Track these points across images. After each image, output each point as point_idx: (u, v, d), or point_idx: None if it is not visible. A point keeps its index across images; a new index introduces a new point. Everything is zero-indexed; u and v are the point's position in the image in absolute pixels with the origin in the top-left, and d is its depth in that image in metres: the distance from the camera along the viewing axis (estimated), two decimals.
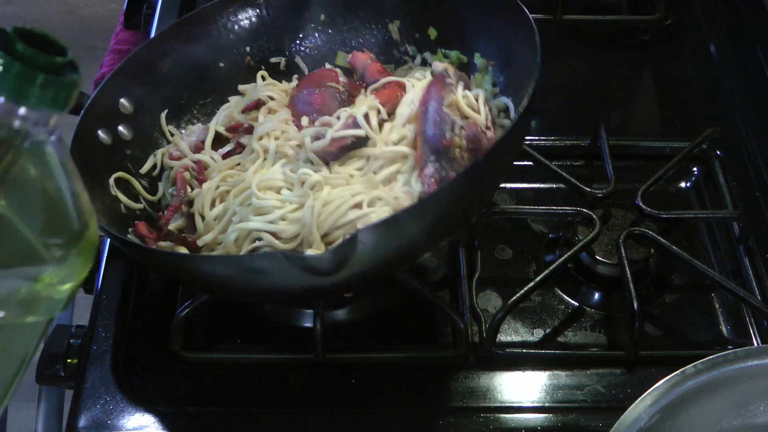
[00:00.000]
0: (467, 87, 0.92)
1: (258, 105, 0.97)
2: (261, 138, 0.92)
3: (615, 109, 1.17)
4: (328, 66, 1.03)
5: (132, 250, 0.83)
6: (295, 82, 1.03)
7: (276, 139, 0.91)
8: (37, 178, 0.50)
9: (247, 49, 1.03)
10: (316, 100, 0.95)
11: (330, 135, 0.88)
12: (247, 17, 1.02)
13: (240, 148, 0.94)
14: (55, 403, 1.00)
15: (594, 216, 0.92)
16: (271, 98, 0.98)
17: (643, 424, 0.68)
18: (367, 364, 0.88)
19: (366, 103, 0.91)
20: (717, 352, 0.72)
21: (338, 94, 0.95)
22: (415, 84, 0.96)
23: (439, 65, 0.97)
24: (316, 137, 0.88)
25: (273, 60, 1.04)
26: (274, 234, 0.84)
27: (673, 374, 0.70)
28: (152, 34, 1.15)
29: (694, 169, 1.07)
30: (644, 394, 0.69)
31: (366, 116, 0.90)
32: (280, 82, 1.03)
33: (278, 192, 0.87)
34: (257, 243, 0.84)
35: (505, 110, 0.94)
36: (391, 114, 0.92)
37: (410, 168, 0.88)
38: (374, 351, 0.88)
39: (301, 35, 1.04)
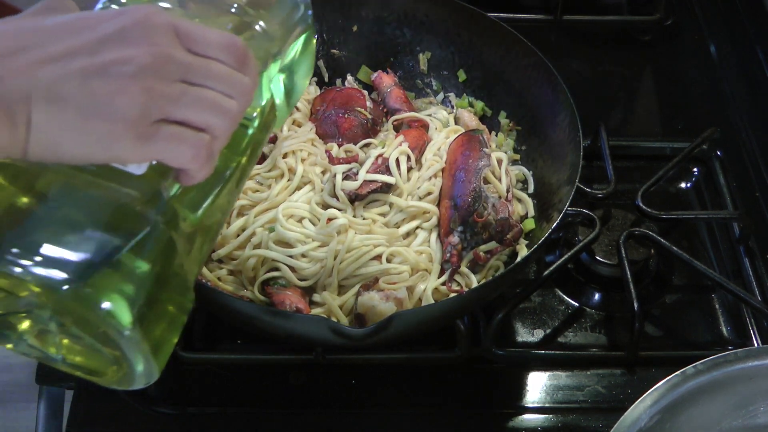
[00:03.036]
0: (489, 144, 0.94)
1: None
2: (285, 155, 0.92)
3: (615, 109, 1.17)
4: (350, 78, 1.04)
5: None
6: (314, 87, 1.03)
7: (302, 160, 0.91)
8: None
9: None
10: (343, 124, 0.95)
11: (362, 177, 0.88)
12: None
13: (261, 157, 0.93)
14: (55, 403, 1.00)
15: (594, 216, 0.92)
16: (296, 108, 0.98)
17: (644, 424, 0.68)
18: (367, 364, 0.88)
19: (395, 146, 0.92)
20: (717, 353, 0.72)
21: (365, 121, 0.96)
22: (439, 127, 0.97)
23: (464, 114, 0.98)
24: (347, 175, 0.89)
25: None
26: (292, 268, 0.84)
27: (673, 375, 0.70)
28: None
29: (695, 169, 1.07)
30: (644, 395, 0.69)
31: (396, 161, 0.91)
32: None
33: (300, 221, 0.87)
34: (274, 273, 0.84)
35: (523, 181, 0.95)
36: (417, 161, 0.93)
37: (431, 225, 0.89)
38: (374, 352, 0.88)
39: (328, 41, 1.04)
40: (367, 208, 0.89)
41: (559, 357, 0.90)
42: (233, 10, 0.61)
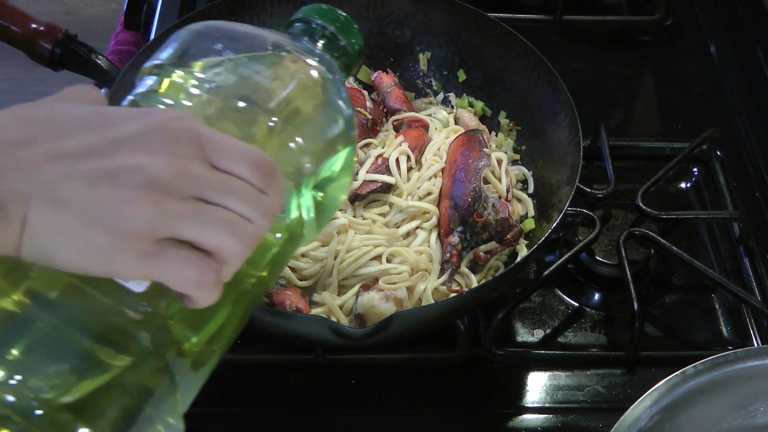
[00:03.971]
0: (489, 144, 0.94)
1: None
2: None
3: (615, 109, 1.17)
4: (350, 78, 1.04)
5: None
6: None
7: None
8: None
9: None
10: None
11: (362, 177, 0.89)
12: (281, 11, 1.02)
13: None
14: None
15: (594, 216, 0.92)
16: None
17: (643, 424, 0.68)
18: (367, 364, 0.88)
19: (395, 146, 0.92)
20: (717, 353, 0.72)
21: (365, 121, 0.96)
22: (438, 127, 0.97)
23: (464, 114, 0.98)
24: None
25: None
26: (292, 268, 0.84)
27: (673, 375, 0.70)
28: (152, 35, 1.15)
29: (695, 169, 1.07)
30: (644, 395, 0.69)
31: (396, 161, 0.91)
32: None
33: None
34: None
35: (523, 181, 0.95)
36: (417, 161, 0.93)
37: (431, 226, 0.89)
38: (374, 352, 0.88)
39: None
40: (367, 208, 0.89)
41: (559, 357, 0.90)
42: (271, 122, 0.56)
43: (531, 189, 0.95)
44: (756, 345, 0.91)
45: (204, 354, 0.55)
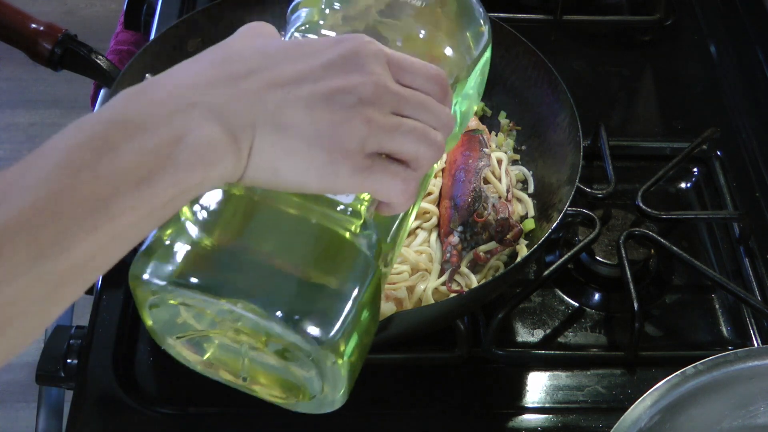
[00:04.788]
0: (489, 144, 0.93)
1: None
2: None
3: (615, 109, 1.17)
4: None
5: None
6: None
7: None
8: None
9: None
10: None
11: None
12: (281, 9, 1.02)
13: None
14: (55, 403, 1.00)
15: (594, 216, 0.92)
16: None
17: (644, 424, 0.68)
18: (367, 364, 0.88)
19: None
20: (717, 353, 0.72)
21: None
22: None
23: None
24: None
25: None
26: None
27: (673, 375, 0.70)
28: (152, 35, 1.14)
29: (695, 169, 1.07)
30: (644, 395, 0.69)
31: None
32: None
33: None
34: None
35: (523, 181, 0.95)
36: None
37: (431, 226, 0.89)
38: (374, 352, 0.88)
39: None
40: None
41: (559, 357, 0.90)
42: (424, 34, 0.62)
43: (531, 189, 0.95)
44: (756, 345, 0.91)
45: (390, 260, 0.60)
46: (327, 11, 0.62)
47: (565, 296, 0.95)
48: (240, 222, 0.54)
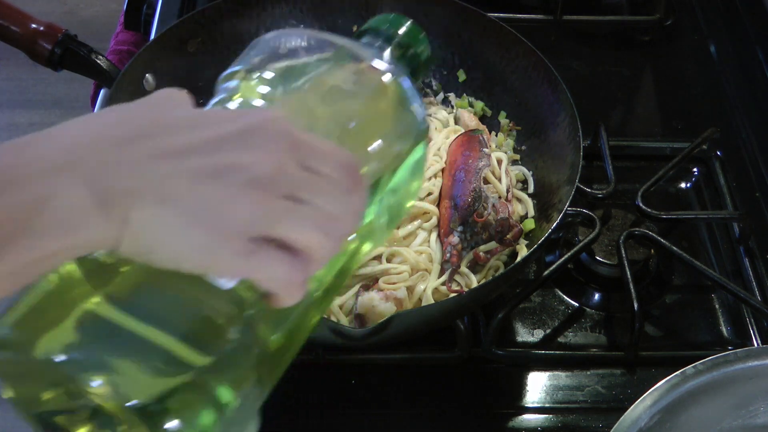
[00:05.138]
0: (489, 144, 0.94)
1: None
2: None
3: (615, 109, 1.17)
4: None
5: None
6: None
7: None
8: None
9: None
10: None
11: None
12: (281, 10, 1.02)
13: None
14: None
15: (594, 216, 0.92)
16: None
17: (643, 424, 0.68)
18: (367, 364, 0.88)
19: None
20: (717, 353, 0.72)
21: None
22: (438, 127, 0.97)
23: (464, 114, 0.98)
24: None
25: None
26: None
27: (673, 375, 0.70)
28: (152, 35, 1.14)
29: (695, 169, 1.07)
30: (644, 395, 0.69)
31: None
32: None
33: None
34: None
35: (523, 181, 0.95)
36: None
37: (431, 226, 0.89)
38: (374, 352, 0.88)
39: None
40: None
41: (559, 357, 0.90)
42: (350, 124, 0.58)
43: (531, 189, 0.95)
44: (756, 345, 0.91)
45: (279, 354, 0.55)
46: (256, 86, 0.58)
47: (565, 296, 0.95)
48: (112, 294, 0.50)
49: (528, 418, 0.85)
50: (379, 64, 0.62)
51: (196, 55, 0.98)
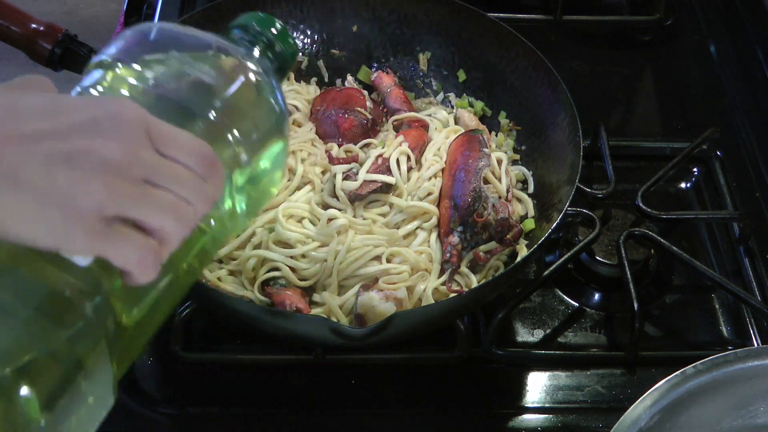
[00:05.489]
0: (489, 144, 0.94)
1: None
2: None
3: (615, 109, 1.17)
4: (350, 78, 1.04)
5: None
6: (314, 86, 1.03)
7: (302, 161, 0.91)
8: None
9: None
10: (343, 124, 0.95)
11: (362, 177, 0.88)
12: (281, 9, 1.02)
13: None
14: None
15: (594, 216, 0.92)
16: (296, 108, 0.98)
17: (644, 424, 0.68)
18: (367, 364, 0.88)
19: (395, 146, 0.92)
20: (717, 353, 0.72)
21: (365, 121, 0.96)
22: (438, 127, 0.97)
23: (464, 114, 0.98)
24: (347, 176, 0.89)
25: (297, 58, 1.04)
26: (292, 268, 0.84)
27: (673, 375, 0.70)
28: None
29: (695, 169, 1.07)
30: (644, 395, 0.69)
31: (396, 161, 0.91)
32: (299, 82, 1.03)
33: (300, 221, 0.87)
34: (275, 273, 0.84)
35: (523, 181, 0.95)
36: (417, 161, 0.93)
37: (431, 226, 0.89)
38: (374, 352, 0.88)
39: (328, 41, 1.04)
40: (367, 209, 0.89)
41: (559, 357, 0.90)
42: (211, 115, 0.60)
43: (531, 189, 0.95)
44: (756, 345, 0.91)
45: (138, 330, 0.58)
46: (120, 75, 0.60)
47: (565, 296, 0.95)
48: None
49: (528, 418, 0.85)
50: (243, 59, 0.65)
51: None
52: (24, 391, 0.50)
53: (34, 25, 0.97)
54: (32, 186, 0.50)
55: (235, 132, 0.61)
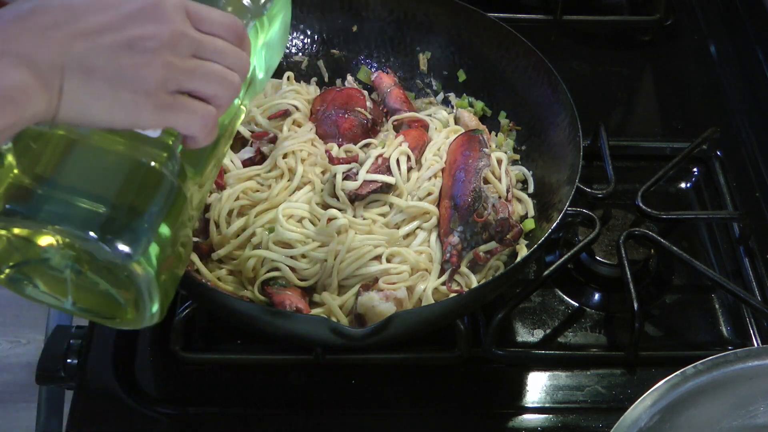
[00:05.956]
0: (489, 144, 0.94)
1: (284, 114, 0.97)
2: (285, 155, 0.92)
3: (615, 109, 1.17)
4: (350, 78, 1.04)
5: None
6: (314, 86, 1.03)
7: (302, 161, 0.91)
8: None
9: None
10: (343, 124, 0.95)
11: (362, 177, 0.88)
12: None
13: (259, 155, 0.93)
14: (55, 403, 1.00)
15: (594, 216, 0.92)
16: (296, 108, 0.98)
17: (643, 424, 0.68)
18: (367, 364, 0.88)
19: (395, 146, 0.92)
20: (717, 353, 0.72)
21: (365, 121, 0.96)
22: (438, 127, 0.97)
23: (464, 114, 0.98)
24: (347, 176, 0.89)
25: (296, 58, 1.04)
26: (292, 268, 0.84)
27: (673, 375, 0.70)
28: None
29: (695, 169, 1.07)
30: (644, 395, 0.69)
31: (396, 161, 0.91)
32: (299, 82, 1.03)
33: (300, 221, 0.87)
34: (274, 273, 0.84)
35: (523, 181, 0.95)
36: (417, 161, 0.93)
37: (431, 226, 0.89)
38: (374, 352, 0.88)
39: (328, 41, 1.04)
40: (367, 209, 0.89)
41: (559, 357, 0.90)
42: None
43: (531, 189, 0.95)
44: (756, 345, 0.91)
45: (201, 184, 0.68)
46: None
47: (565, 296, 0.95)
48: (58, 158, 0.60)
49: (528, 418, 0.85)
50: None
51: None
52: (130, 253, 0.59)
53: None
54: (104, 74, 0.57)
55: (250, 3, 0.71)
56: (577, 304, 0.94)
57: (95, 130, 0.60)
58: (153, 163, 0.61)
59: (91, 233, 0.58)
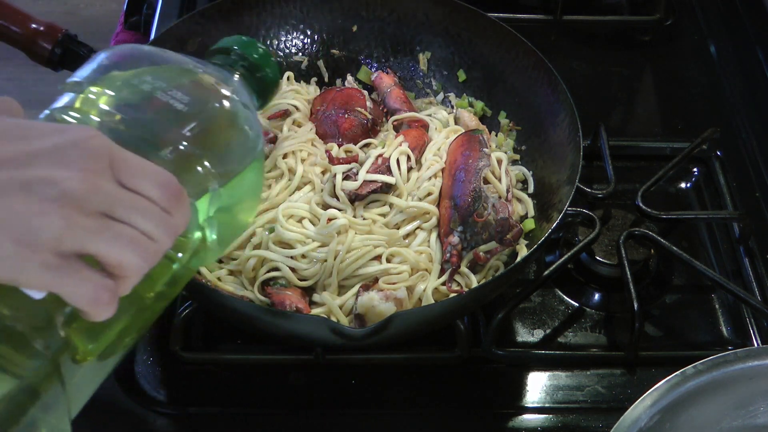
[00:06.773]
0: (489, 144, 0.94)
1: (284, 114, 0.97)
2: (285, 155, 0.92)
3: (615, 109, 1.17)
4: (350, 78, 1.04)
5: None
6: (314, 86, 1.03)
7: (302, 161, 0.91)
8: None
9: (275, 42, 1.03)
10: (343, 124, 0.95)
11: (362, 177, 0.88)
12: (281, 9, 1.02)
13: None
14: None
15: (594, 216, 0.92)
16: (296, 108, 0.98)
17: (643, 424, 0.68)
18: (367, 364, 0.88)
19: (395, 146, 0.92)
20: (717, 353, 0.72)
21: (365, 121, 0.96)
22: (438, 127, 0.97)
23: (464, 114, 0.98)
24: (347, 176, 0.89)
25: (296, 58, 1.04)
26: (292, 268, 0.84)
27: (673, 375, 0.70)
28: (152, 35, 1.15)
29: (695, 169, 1.07)
30: (644, 395, 0.69)
31: (396, 161, 0.91)
32: (299, 82, 1.03)
33: (300, 221, 0.87)
34: (274, 273, 0.84)
35: (523, 181, 0.95)
36: (417, 161, 0.93)
37: (431, 226, 0.89)
38: (374, 352, 0.88)
39: (328, 41, 1.04)
40: (367, 209, 0.89)
41: (559, 357, 0.90)
42: (180, 143, 0.59)
43: (531, 189, 0.95)
44: (756, 345, 0.91)
45: (99, 360, 0.56)
46: (90, 100, 0.59)
47: (565, 296, 0.95)
48: None
49: (528, 418, 0.85)
50: (219, 85, 0.63)
51: (196, 55, 0.98)
52: None
53: (34, 25, 0.96)
54: None
55: (205, 161, 0.59)
56: (577, 304, 0.94)
57: None
58: (23, 330, 0.51)
59: None
